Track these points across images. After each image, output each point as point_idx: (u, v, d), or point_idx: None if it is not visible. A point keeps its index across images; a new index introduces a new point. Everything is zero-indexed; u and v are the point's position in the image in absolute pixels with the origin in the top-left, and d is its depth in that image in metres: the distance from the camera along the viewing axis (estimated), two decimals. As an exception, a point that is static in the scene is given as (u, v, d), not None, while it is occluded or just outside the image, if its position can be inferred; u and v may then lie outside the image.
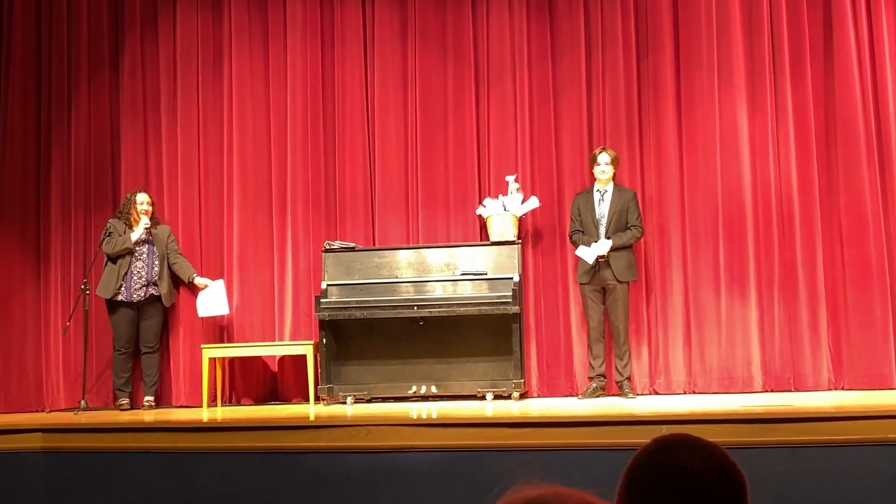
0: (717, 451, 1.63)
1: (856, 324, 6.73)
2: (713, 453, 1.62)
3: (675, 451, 1.62)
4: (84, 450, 5.57)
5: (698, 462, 1.60)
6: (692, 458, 1.60)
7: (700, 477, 1.58)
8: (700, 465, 1.59)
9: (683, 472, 1.58)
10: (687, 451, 1.62)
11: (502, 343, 6.85)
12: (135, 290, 7.25)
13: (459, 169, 7.49)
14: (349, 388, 7.01)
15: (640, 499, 1.58)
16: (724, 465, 1.61)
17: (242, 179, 7.66)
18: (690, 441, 1.65)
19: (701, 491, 1.57)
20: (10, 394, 7.56)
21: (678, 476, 1.58)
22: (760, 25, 7.07)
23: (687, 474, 1.58)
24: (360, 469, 5.09)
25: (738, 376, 6.84)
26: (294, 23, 7.72)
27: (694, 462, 1.60)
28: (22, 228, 7.77)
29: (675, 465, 1.60)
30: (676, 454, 1.61)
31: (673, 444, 1.64)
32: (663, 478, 1.58)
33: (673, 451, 1.63)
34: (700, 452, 1.62)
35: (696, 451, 1.62)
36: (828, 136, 6.96)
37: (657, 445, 1.65)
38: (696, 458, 1.61)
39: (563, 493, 1.16)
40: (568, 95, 7.38)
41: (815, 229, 6.89)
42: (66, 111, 7.85)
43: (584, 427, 4.96)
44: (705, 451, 1.63)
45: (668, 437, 1.67)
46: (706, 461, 1.60)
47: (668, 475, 1.58)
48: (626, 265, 6.76)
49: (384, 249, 7.30)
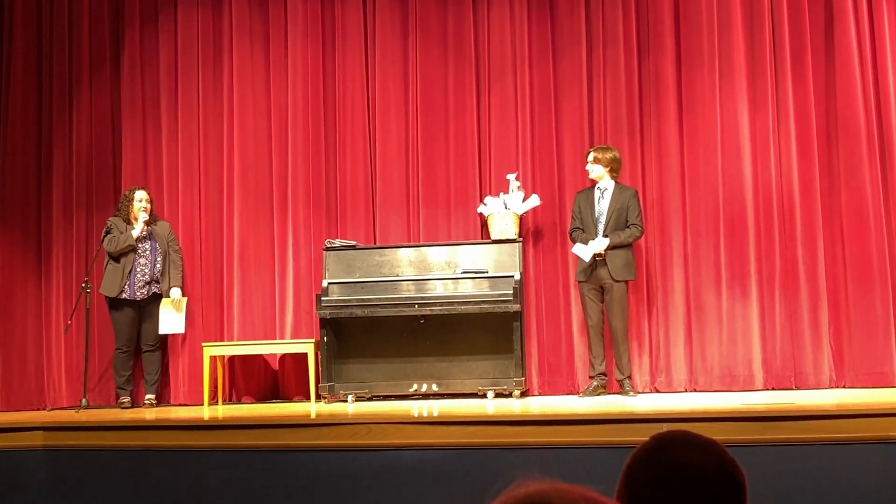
0: (715, 447, 1.63)
1: (857, 322, 6.73)
2: (712, 450, 1.62)
3: (675, 448, 1.62)
4: (85, 448, 5.57)
5: (697, 458, 1.60)
6: (691, 455, 1.60)
7: (700, 473, 1.58)
8: (699, 462, 1.59)
9: (682, 469, 1.58)
10: (686, 447, 1.62)
11: (503, 341, 6.86)
12: (138, 288, 7.26)
13: (460, 167, 7.49)
14: (350, 387, 7.02)
15: (639, 496, 1.58)
16: (722, 461, 1.61)
17: (243, 177, 7.66)
18: (689, 438, 1.65)
19: (701, 487, 1.57)
20: (11, 392, 7.57)
21: (677, 473, 1.58)
22: (761, 23, 7.07)
23: (686, 471, 1.58)
24: (361, 467, 5.09)
25: (739, 374, 6.84)
26: (295, 21, 7.72)
27: (693, 458, 1.60)
28: (23, 227, 7.78)
29: (674, 462, 1.59)
30: (675, 451, 1.61)
31: (672, 441, 1.64)
32: (662, 475, 1.58)
33: (672, 447, 1.63)
34: (699, 449, 1.62)
35: (695, 448, 1.62)
36: (829, 133, 6.96)
37: (656, 442, 1.65)
38: (696, 454, 1.61)
39: (564, 489, 1.16)
40: (569, 94, 7.38)
41: (816, 227, 6.89)
42: (67, 109, 7.85)
43: (585, 425, 4.96)
44: (704, 447, 1.63)
45: (667, 434, 1.67)
46: (705, 458, 1.60)
47: (667, 472, 1.58)
48: (624, 264, 6.75)
49: (385, 247, 7.30)
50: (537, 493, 1.15)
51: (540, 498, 1.14)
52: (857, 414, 4.79)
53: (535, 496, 1.15)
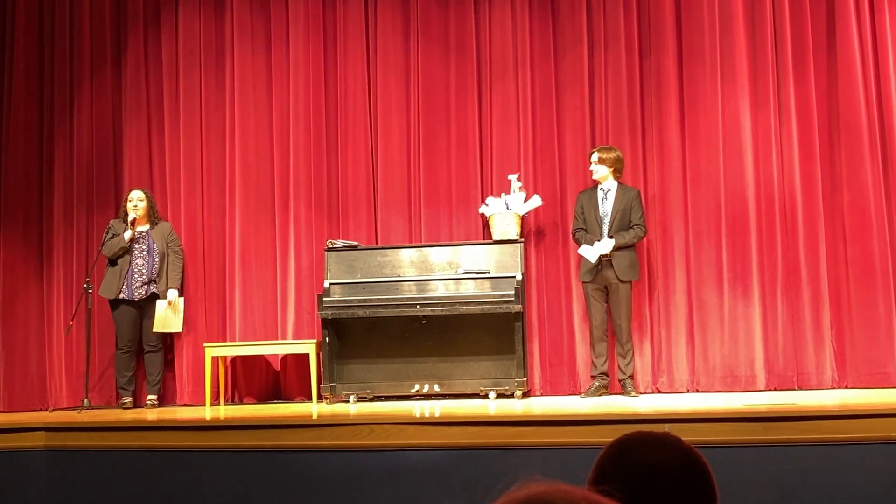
0: (678, 443, 1.61)
1: (859, 322, 6.72)
2: (675, 447, 1.60)
3: (636, 450, 1.59)
4: (87, 448, 5.57)
5: (662, 456, 1.57)
6: (654, 454, 1.58)
7: (665, 470, 1.56)
8: (665, 460, 1.57)
9: (648, 469, 1.56)
10: (647, 447, 1.60)
11: (505, 341, 6.85)
12: (136, 288, 7.25)
13: (462, 167, 7.49)
14: (352, 387, 7.01)
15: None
16: (687, 456, 1.59)
17: (245, 178, 7.66)
18: (649, 437, 1.62)
19: (669, 485, 1.55)
20: (13, 393, 7.58)
21: (643, 474, 1.55)
22: (763, 23, 7.06)
23: (652, 470, 1.56)
24: (363, 468, 5.09)
25: (741, 375, 6.83)
26: (296, 21, 7.72)
27: (657, 457, 1.57)
28: (25, 227, 7.78)
29: (637, 464, 1.57)
30: (638, 453, 1.59)
31: (632, 444, 1.61)
32: (629, 479, 1.55)
33: (633, 450, 1.59)
34: (661, 447, 1.60)
35: (657, 447, 1.60)
36: (831, 133, 6.95)
37: (616, 450, 1.61)
38: (659, 453, 1.58)
39: (566, 490, 1.15)
40: (570, 93, 7.37)
41: (818, 227, 6.87)
42: (68, 110, 7.85)
43: (587, 426, 4.95)
44: (665, 445, 1.60)
45: (626, 438, 1.63)
46: (669, 455, 1.58)
47: (634, 475, 1.55)
48: (629, 264, 6.75)
49: (387, 248, 7.30)
50: (539, 494, 1.14)
51: (541, 499, 1.14)
52: (860, 414, 4.79)
53: (537, 497, 1.14)
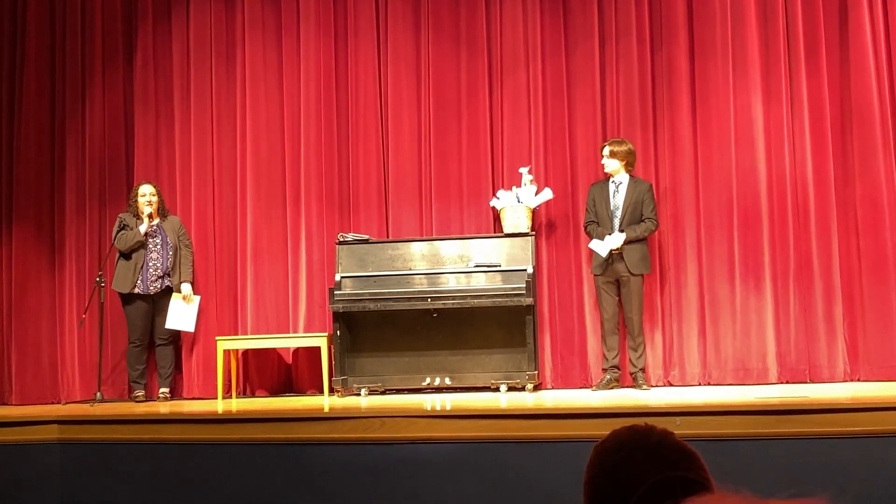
0: (667, 434, 1.60)
1: (872, 315, 6.70)
2: (665, 438, 1.58)
3: (628, 449, 1.58)
4: (100, 441, 5.61)
5: (656, 450, 1.57)
6: (649, 452, 1.57)
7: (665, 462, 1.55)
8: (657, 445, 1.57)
9: (647, 466, 1.55)
10: (636, 449, 1.58)
11: (516, 335, 6.85)
12: (151, 283, 7.28)
13: (473, 161, 7.48)
14: (363, 380, 7.03)
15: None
16: (677, 445, 1.58)
17: (256, 172, 7.67)
18: (634, 434, 1.61)
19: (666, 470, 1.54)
20: (26, 386, 7.62)
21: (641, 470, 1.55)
22: (775, 14, 7.03)
23: (650, 466, 1.55)
24: (375, 460, 5.10)
25: (753, 368, 6.82)
26: (307, 15, 7.72)
27: (653, 452, 1.56)
28: (37, 221, 7.82)
29: (635, 461, 1.56)
30: (630, 452, 1.57)
31: (621, 443, 1.60)
32: (627, 487, 1.54)
33: (625, 448, 1.58)
34: (653, 444, 1.58)
35: (647, 445, 1.58)
36: (843, 125, 6.92)
37: (606, 452, 1.60)
38: (652, 448, 1.57)
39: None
40: (582, 87, 7.35)
41: (830, 219, 6.85)
42: (80, 104, 7.88)
43: (599, 419, 4.96)
44: (646, 436, 1.59)
45: (612, 440, 1.62)
46: (648, 436, 1.57)
47: (630, 484, 1.54)
48: (640, 258, 6.74)
49: (398, 241, 7.30)
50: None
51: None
52: (872, 407, 4.78)
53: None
